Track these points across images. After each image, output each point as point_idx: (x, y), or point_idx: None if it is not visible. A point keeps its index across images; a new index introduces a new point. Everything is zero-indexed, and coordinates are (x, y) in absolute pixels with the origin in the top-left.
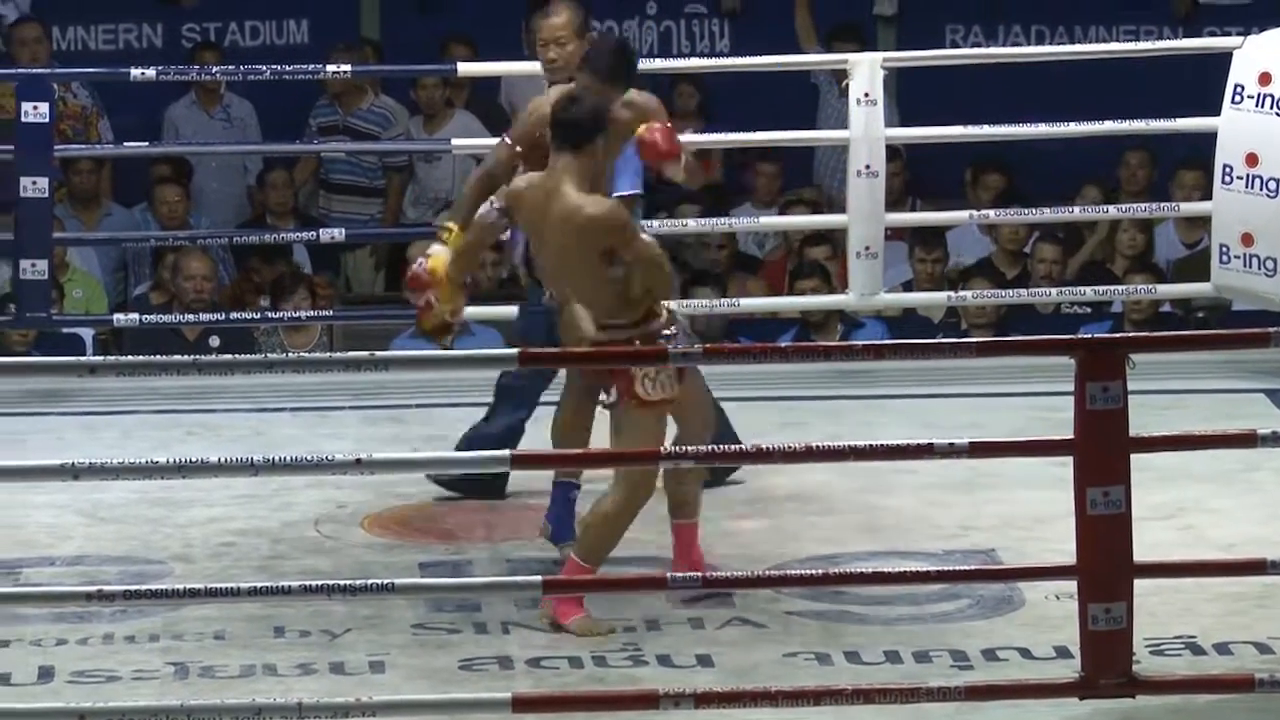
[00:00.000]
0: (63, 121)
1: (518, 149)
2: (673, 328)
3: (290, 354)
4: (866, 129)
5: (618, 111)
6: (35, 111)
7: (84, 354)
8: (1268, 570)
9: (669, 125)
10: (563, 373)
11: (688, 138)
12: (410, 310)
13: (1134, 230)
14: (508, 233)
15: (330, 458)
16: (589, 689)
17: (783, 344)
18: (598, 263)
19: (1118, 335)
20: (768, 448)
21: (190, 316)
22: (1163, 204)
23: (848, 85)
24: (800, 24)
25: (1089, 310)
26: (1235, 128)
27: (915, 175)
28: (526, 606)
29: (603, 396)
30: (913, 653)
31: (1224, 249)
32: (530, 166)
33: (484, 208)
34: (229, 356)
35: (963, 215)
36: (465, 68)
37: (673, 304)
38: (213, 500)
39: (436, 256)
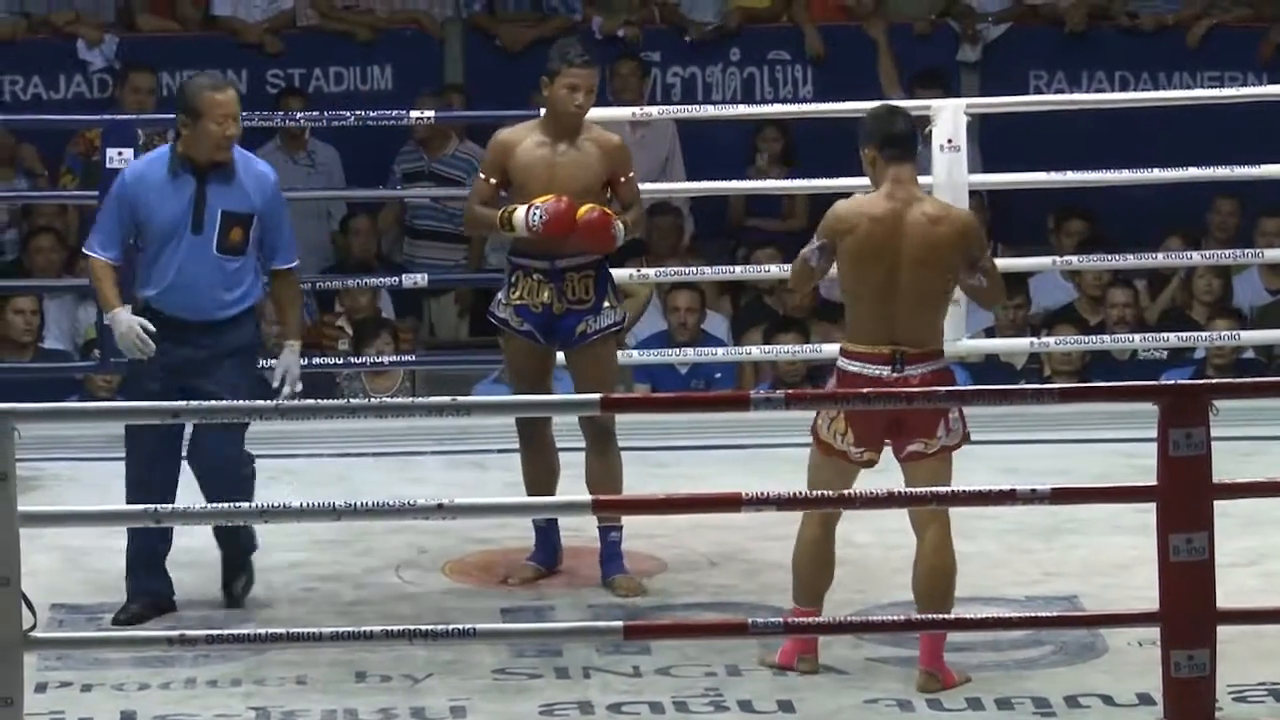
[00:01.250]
0: None
1: (492, 181)
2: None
3: (373, 399)
4: (950, 175)
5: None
6: (120, 157)
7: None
8: None
9: (607, 211)
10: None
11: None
12: (493, 356)
13: (1210, 276)
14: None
15: (412, 503)
16: None
17: (864, 390)
18: (956, 276)
19: (1201, 381)
20: (850, 493)
21: (271, 361)
22: (1246, 250)
23: (930, 131)
24: (883, 70)
25: (1166, 355)
26: None
27: (998, 221)
28: (607, 651)
29: (919, 446)
30: (995, 699)
31: None
32: (509, 194)
33: (806, 250)
34: (311, 401)
35: (1045, 261)
36: None
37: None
38: (295, 545)
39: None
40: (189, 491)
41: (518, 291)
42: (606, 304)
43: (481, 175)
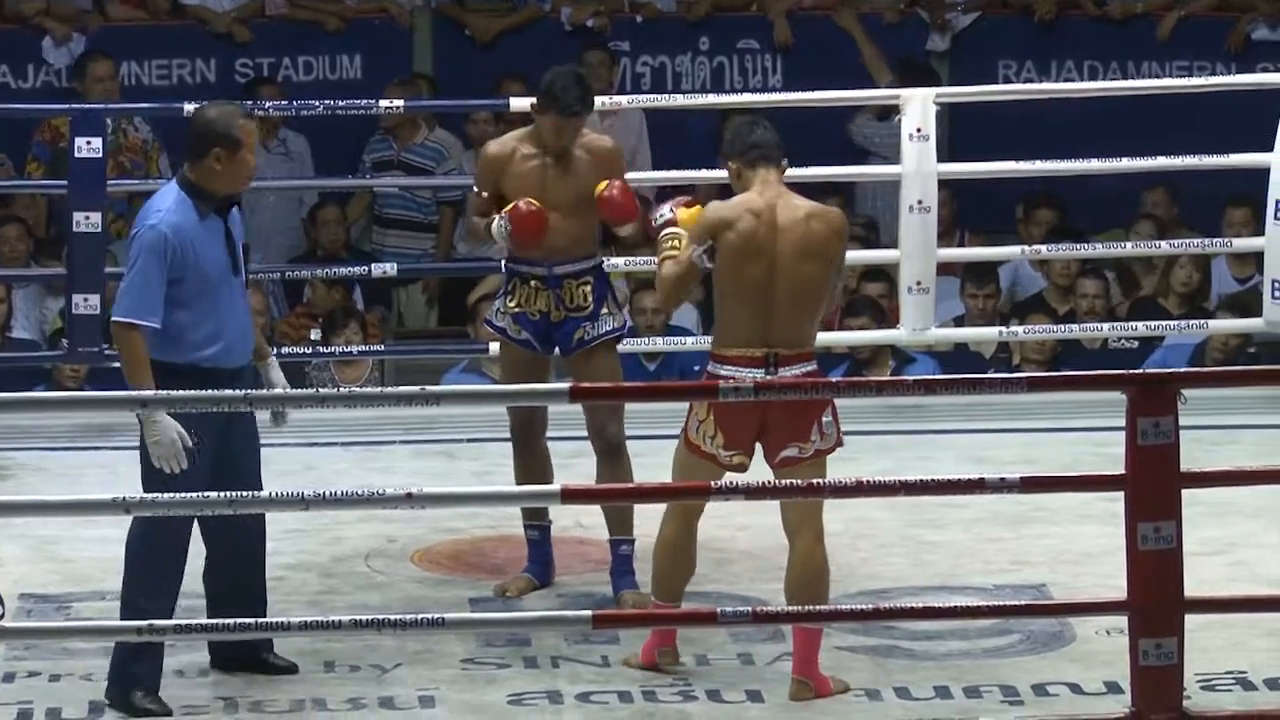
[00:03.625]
0: (122, 154)
1: (485, 194)
2: None
3: (341, 389)
4: (918, 164)
5: (579, 158)
6: (89, 146)
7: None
8: None
9: (626, 183)
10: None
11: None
12: (461, 345)
13: (1191, 267)
14: None
15: (381, 492)
16: None
17: (834, 379)
18: (831, 273)
19: (1169, 370)
20: (818, 483)
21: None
22: (1215, 239)
23: (900, 120)
24: (868, 57)
25: (1137, 345)
26: None
27: (967, 210)
28: (576, 641)
29: (794, 451)
30: (963, 688)
31: (1276, 285)
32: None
33: (693, 251)
34: (280, 391)
35: (1014, 250)
36: (517, 103)
37: None
38: None
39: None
40: None
41: (515, 299)
42: (605, 310)
43: (475, 190)
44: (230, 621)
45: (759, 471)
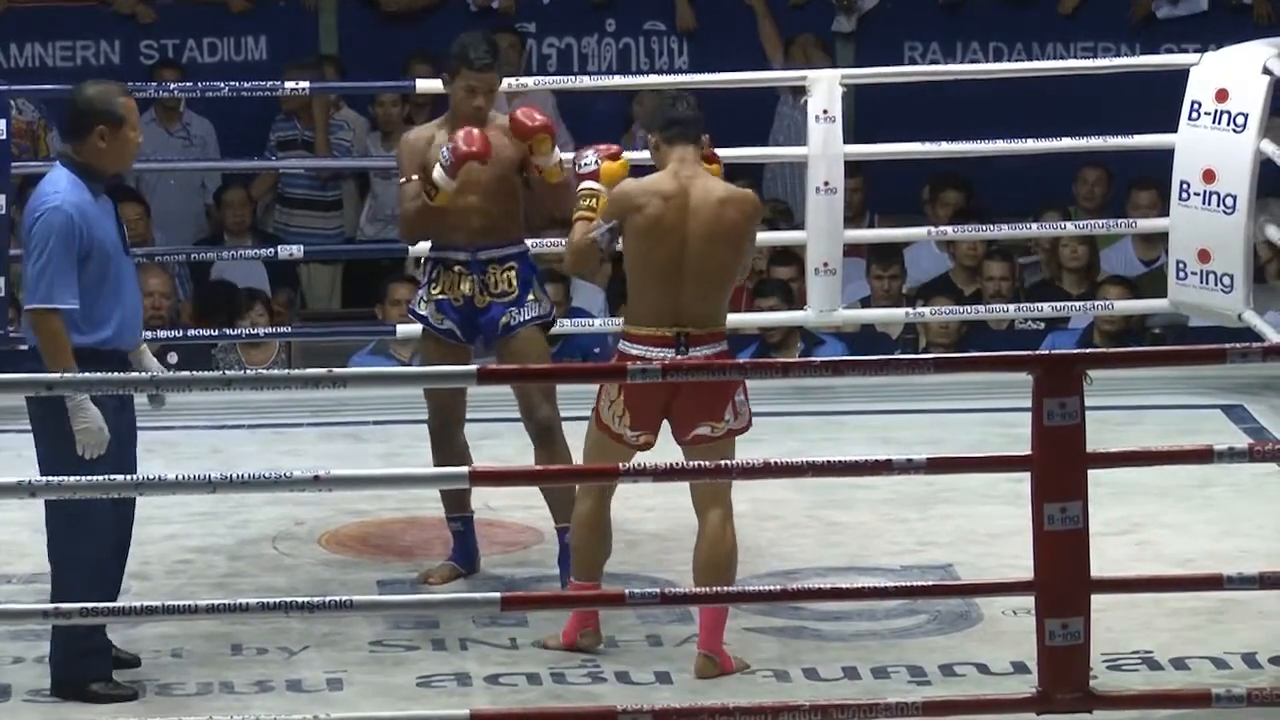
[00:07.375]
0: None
1: (415, 178)
2: None
3: (248, 371)
4: (825, 146)
5: (498, 138)
6: None
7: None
8: (1224, 585)
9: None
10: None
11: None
12: (368, 327)
13: (1075, 243)
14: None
15: (288, 475)
16: (547, 706)
17: (741, 360)
18: (743, 254)
19: (1075, 351)
20: (725, 464)
21: (147, 333)
22: (1121, 220)
23: (806, 101)
24: (765, 36)
25: (1043, 326)
26: (1192, 144)
27: (873, 191)
28: (484, 623)
29: (706, 430)
30: (871, 669)
31: (1181, 266)
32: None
33: (596, 233)
34: (187, 373)
35: (921, 232)
36: (424, 85)
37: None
38: (170, 518)
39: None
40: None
41: (438, 286)
42: (531, 297)
43: (402, 180)
44: (138, 604)
45: (668, 453)
